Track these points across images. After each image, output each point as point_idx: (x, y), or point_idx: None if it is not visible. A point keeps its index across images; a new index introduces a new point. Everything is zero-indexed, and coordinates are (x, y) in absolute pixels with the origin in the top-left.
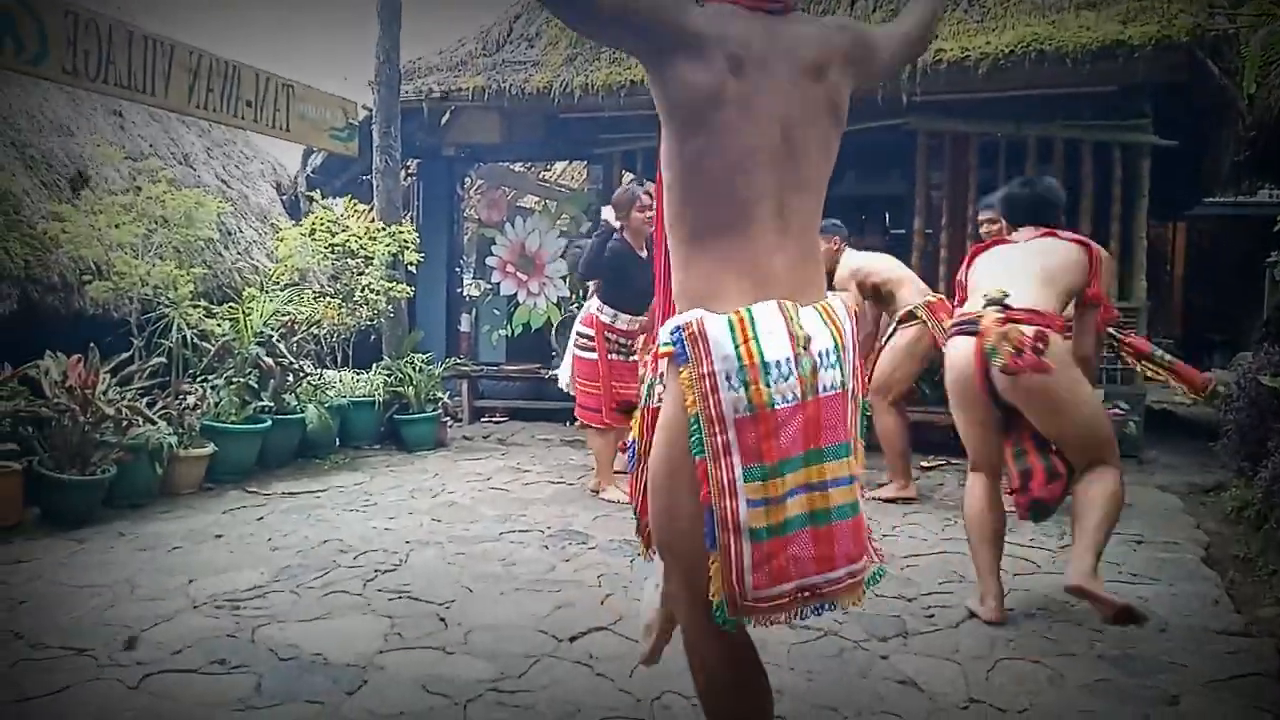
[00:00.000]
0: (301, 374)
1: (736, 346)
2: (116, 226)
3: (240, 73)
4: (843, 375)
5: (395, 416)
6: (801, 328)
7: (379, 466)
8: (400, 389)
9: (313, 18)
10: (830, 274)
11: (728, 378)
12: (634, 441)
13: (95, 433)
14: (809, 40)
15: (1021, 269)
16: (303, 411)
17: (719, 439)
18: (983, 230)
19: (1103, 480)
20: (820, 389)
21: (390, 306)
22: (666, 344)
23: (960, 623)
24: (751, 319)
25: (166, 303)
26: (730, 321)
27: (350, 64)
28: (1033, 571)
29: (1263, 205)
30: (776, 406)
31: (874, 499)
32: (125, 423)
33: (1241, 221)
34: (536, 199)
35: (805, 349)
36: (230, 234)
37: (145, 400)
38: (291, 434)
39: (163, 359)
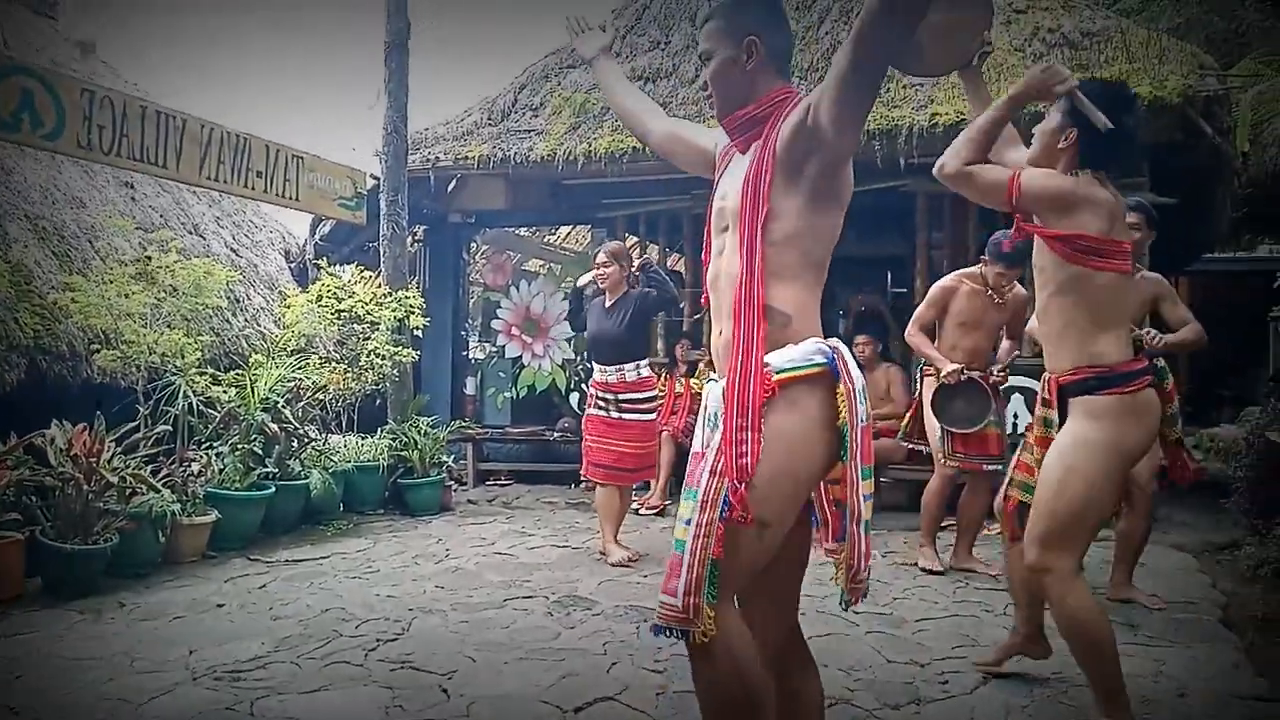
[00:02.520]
0: (306, 439)
1: (855, 370)
2: (126, 296)
3: (251, 145)
4: None
5: (399, 481)
6: None
7: (382, 532)
8: (405, 453)
9: (323, 92)
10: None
11: (858, 392)
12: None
13: (99, 501)
14: None
15: None
16: (307, 477)
17: (854, 444)
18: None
19: None
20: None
21: (395, 371)
22: (804, 365)
23: (975, 689)
24: (842, 349)
25: (174, 370)
26: (849, 351)
27: (359, 136)
28: (1048, 635)
29: (1263, 260)
30: (868, 419)
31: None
32: (129, 491)
33: (1243, 277)
34: (541, 263)
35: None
36: (238, 301)
37: (150, 468)
38: (295, 500)
39: (168, 426)
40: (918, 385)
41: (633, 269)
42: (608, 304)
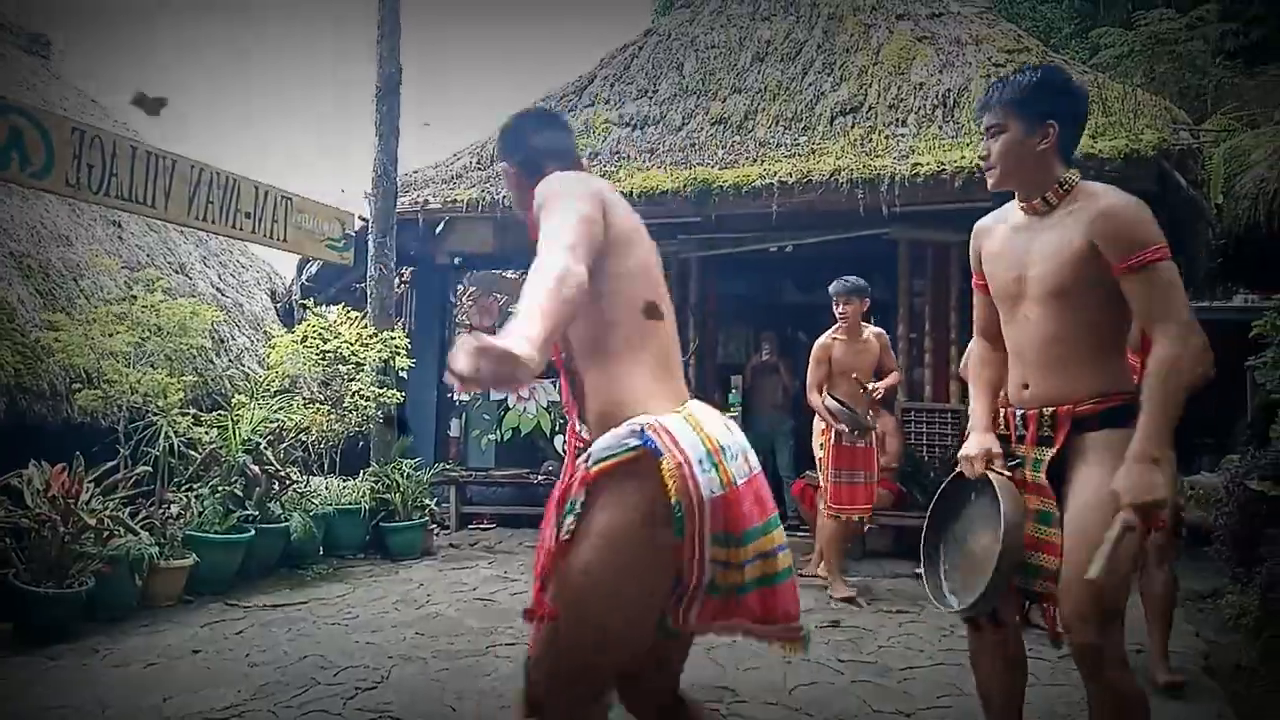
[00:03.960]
0: (288, 481)
1: (697, 434)
2: (110, 335)
3: (240, 185)
4: (755, 458)
5: (381, 524)
6: (723, 420)
7: (362, 577)
8: (387, 496)
9: (315, 134)
10: None
11: (700, 462)
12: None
13: (75, 544)
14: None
15: None
16: (287, 520)
17: (696, 519)
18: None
19: None
20: (752, 468)
21: (380, 412)
22: (617, 451)
23: None
24: (692, 413)
25: (155, 410)
26: (684, 417)
27: (348, 177)
28: (1032, 684)
29: (1239, 310)
30: (738, 483)
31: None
32: (106, 533)
33: (1219, 326)
34: None
35: (733, 436)
36: (223, 341)
37: (128, 510)
38: (275, 543)
39: (148, 467)
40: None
41: None
42: None
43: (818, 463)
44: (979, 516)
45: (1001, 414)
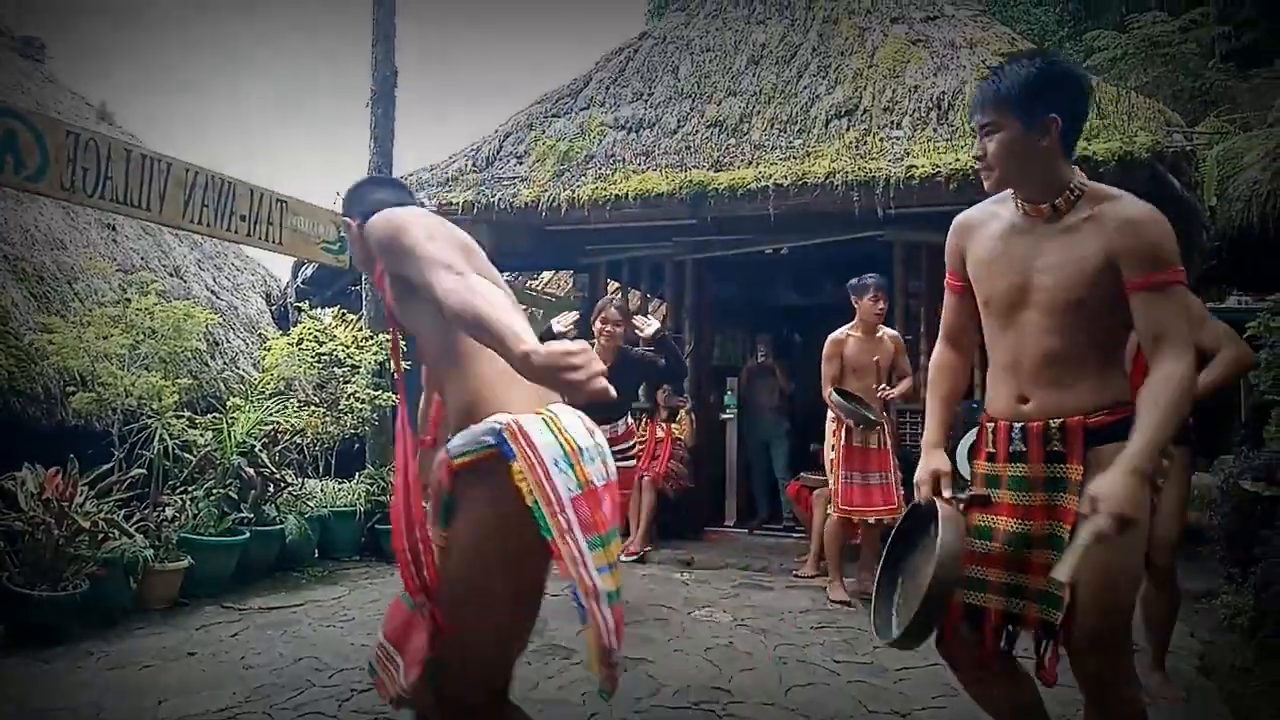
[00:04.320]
0: (283, 484)
1: (555, 436)
2: (104, 338)
3: (235, 188)
4: (614, 465)
5: (377, 526)
6: (585, 423)
7: (358, 579)
8: (382, 498)
9: (310, 137)
10: None
11: (555, 463)
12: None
13: (69, 547)
14: None
15: None
16: (282, 523)
17: (560, 518)
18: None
19: None
20: (609, 474)
21: (375, 415)
22: (473, 449)
23: None
24: (555, 415)
25: (150, 413)
26: (544, 419)
27: (344, 180)
28: None
29: (1233, 310)
30: (595, 484)
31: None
32: (101, 536)
33: None
34: (523, 307)
35: (594, 439)
36: (217, 344)
37: (123, 512)
38: (270, 546)
39: (143, 470)
40: None
41: (637, 331)
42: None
43: (827, 465)
44: (927, 547)
45: (989, 430)
